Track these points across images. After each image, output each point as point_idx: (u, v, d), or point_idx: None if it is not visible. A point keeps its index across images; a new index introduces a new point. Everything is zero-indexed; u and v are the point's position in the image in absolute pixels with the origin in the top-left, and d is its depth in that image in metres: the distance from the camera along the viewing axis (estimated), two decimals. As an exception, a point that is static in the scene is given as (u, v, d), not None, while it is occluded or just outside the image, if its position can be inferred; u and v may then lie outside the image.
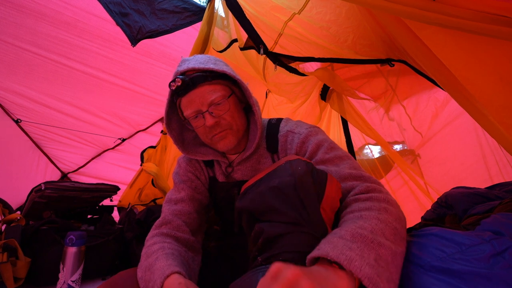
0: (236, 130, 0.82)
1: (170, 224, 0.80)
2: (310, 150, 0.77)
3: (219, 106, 0.78)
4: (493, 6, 0.70)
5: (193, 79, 0.76)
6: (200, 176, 0.91)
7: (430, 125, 2.11)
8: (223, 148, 0.81)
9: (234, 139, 0.81)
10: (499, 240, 0.49)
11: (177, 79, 0.76)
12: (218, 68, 0.78)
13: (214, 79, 0.78)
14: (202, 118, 0.78)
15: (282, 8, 1.44)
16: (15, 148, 2.50)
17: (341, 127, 2.29)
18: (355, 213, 0.56)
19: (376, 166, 2.36)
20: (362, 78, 1.98)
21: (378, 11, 1.05)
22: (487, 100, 0.76)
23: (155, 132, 2.73)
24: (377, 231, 0.49)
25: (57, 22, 1.71)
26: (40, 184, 1.40)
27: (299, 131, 0.82)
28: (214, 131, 0.79)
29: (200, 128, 0.81)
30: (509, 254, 0.45)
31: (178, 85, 0.76)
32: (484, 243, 0.49)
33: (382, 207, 0.56)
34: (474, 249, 0.48)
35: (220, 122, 0.79)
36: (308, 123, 0.88)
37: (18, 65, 1.93)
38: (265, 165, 0.84)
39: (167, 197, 0.88)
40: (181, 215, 0.82)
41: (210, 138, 0.81)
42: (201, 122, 0.79)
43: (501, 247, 0.47)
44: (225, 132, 0.80)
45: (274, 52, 1.63)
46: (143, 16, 1.67)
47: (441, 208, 1.16)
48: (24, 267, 1.13)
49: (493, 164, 1.87)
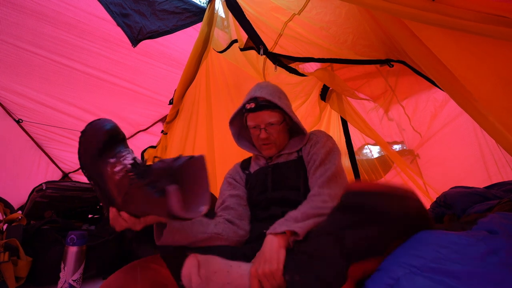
0: (278, 145, 1.14)
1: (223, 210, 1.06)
2: (317, 147, 1.08)
3: (272, 126, 1.10)
4: (493, 7, 0.70)
5: (262, 106, 1.09)
6: (235, 177, 1.21)
7: (429, 125, 2.12)
8: (266, 155, 1.16)
9: (275, 150, 1.14)
10: (494, 239, 0.49)
11: (252, 103, 1.10)
12: (280, 103, 1.10)
13: (275, 108, 1.10)
14: (259, 130, 1.11)
15: (282, 8, 1.44)
16: (16, 148, 2.50)
17: (340, 127, 2.30)
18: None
19: (376, 166, 2.37)
20: (361, 79, 1.98)
21: (377, 12, 1.06)
22: (487, 100, 0.76)
23: (155, 132, 2.73)
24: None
25: (58, 23, 1.71)
26: (41, 184, 1.41)
27: (318, 135, 1.14)
28: (263, 141, 1.11)
29: (255, 136, 1.14)
30: (504, 252, 0.45)
31: (252, 107, 1.10)
32: (479, 242, 0.49)
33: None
34: (470, 248, 0.48)
35: (270, 137, 1.10)
36: (328, 135, 1.17)
37: (19, 65, 1.94)
38: (293, 156, 1.14)
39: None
40: (224, 210, 1.06)
41: (260, 145, 1.14)
42: (257, 132, 1.12)
43: (495, 246, 0.47)
44: (271, 145, 1.12)
45: (274, 52, 1.64)
46: (144, 16, 1.67)
47: (440, 207, 1.17)
48: (25, 267, 1.14)
49: (492, 164, 1.88)
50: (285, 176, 1.08)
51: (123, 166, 0.71)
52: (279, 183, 1.07)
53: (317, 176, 0.99)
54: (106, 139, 0.75)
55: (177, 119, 1.89)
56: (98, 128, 0.76)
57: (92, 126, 0.76)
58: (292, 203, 0.96)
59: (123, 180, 0.69)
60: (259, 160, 1.22)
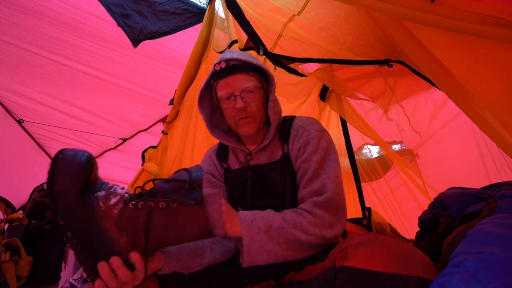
0: (258, 121, 0.93)
1: None
2: (308, 151, 0.90)
3: (249, 93, 0.89)
4: (491, 8, 0.70)
5: (235, 65, 0.88)
6: (214, 172, 1.02)
7: (429, 125, 2.12)
8: (244, 132, 0.93)
9: (255, 127, 0.93)
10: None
11: (222, 62, 0.87)
12: (257, 62, 0.91)
13: (251, 71, 0.90)
14: (234, 100, 0.89)
15: (281, 9, 1.45)
16: (17, 148, 2.51)
17: (340, 128, 2.30)
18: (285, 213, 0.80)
19: (375, 166, 2.38)
20: (361, 79, 1.99)
21: (376, 13, 1.06)
22: (485, 101, 0.76)
23: (156, 132, 2.74)
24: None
25: (59, 23, 1.72)
26: (42, 184, 1.42)
27: (309, 130, 0.93)
28: (240, 114, 0.90)
29: (229, 109, 0.92)
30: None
31: (222, 67, 0.87)
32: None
33: (297, 223, 0.77)
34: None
35: (247, 108, 0.89)
36: (320, 125, 0.98)
37: (20, 65, 1.95)
38: (277, 153, 0.96)
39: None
40: None
41: (236, 121, 0.92)
42: (231, 103, 0.90)
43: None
44: (249, 120, 0.91)
45: (273, 53, 1.65)
46: (144, 17, 1.68)
47: (437, 208, 1.17)
48: (26, 266, 1.14)
49: (491, 163, 1.88)
50: (267, 181, 0.92)
51: (120, 196, 0.58)
52: (260, 189, 0.92)
53: (310, 191, 0.84)
54: (89, 170, 0.58)
55: (177, 119, 1.90)
56: (76, 158, 0.57)
57: (67, 155, 0.57)
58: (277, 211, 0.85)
59: (125, 212, 0.57)
60: (238, 153, 1.02)
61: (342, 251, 0.65)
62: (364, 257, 0.60)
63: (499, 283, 0.45)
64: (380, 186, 2.39)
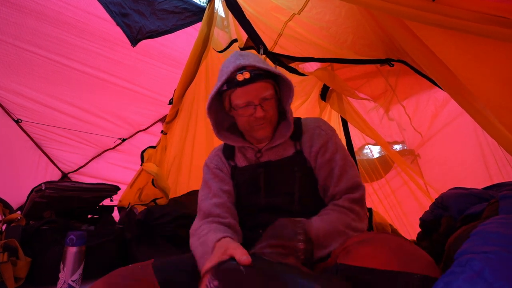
0: (273, 124, 0.96)
1: (211, 215, 0.90)
2: (331, 150, 0.93)
3: (268, 101, 0.90)
4: (492, 7, 0.70)
5: (257, 75, 0.88)
6: (222, 168, 1.02)
7: (430, 125, 2.12)
8: (260, 136, 0.95)
9: (270, 130, 0.95)
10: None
11: (245, 72, 0.87)
12: (274, 70, 0.92)
13: (268, 78, 0.91)
14: (253, 109, 0.89)
15: (282, 8, 1.44)
16: (15, 148, 2.50)
17: (341, 127, 2.29)
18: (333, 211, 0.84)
19: (376, 166, 2.37)
20: (361, 78, 1.98)
21: (377, 12, 1.05)
22: (487, 100, 0.76)
23: (155, 132, 2.73)
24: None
25: (58, 22, 1.71)
26: (41, 184, 1.40)
27: (326, 130, 0.98)
28: (258, 122, 0.91)
29: (245, 117, 0.92)
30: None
31: (246, 77, 0.86)
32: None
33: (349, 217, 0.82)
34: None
35: (266, 116, 0.91)
36: (327, 123, 1.03)
37: (19, 65, 1.94)
38: (289, 151, 0.97)
39: (199, 198, 0.98)
40: (217, 207, 0.92)
41: (252, 126, 0.93)
42: (249, 111, 0.90)
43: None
44: (265, 124, 0.93)
45: (274, 52, 1.64)
46: (143, 16, 1.67)
47: (438, 209, 1.16)
48: (24, 267, 1.13)
49: (493, 163, 1.88)
50: (279, 178, 0.93)
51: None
52: (273, 187, 0.93)
53: (343, 188, 0.87)
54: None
55: (176, 119, 1.89)
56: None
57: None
58: (282, 212, 0.87)
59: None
60: (246, 151, 1.01)
61: (344, 249, 0.65)
62: (366, 255, 0.60)
63: (505, 282, 0.46)
64: (381, 186, 2.39)
